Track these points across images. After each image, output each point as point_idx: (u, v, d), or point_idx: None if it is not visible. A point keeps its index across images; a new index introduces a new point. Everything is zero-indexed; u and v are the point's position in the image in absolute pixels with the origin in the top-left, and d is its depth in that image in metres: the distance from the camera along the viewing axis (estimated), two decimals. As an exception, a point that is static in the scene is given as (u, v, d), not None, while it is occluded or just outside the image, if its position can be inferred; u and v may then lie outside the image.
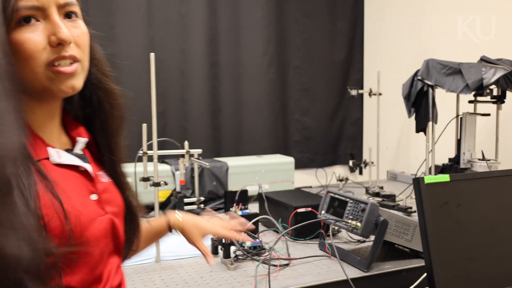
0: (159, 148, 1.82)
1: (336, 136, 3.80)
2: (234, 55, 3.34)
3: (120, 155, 0.96)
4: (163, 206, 2.30)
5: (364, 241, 1.88)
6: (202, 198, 2.34)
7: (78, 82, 0.82)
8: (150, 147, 1.83)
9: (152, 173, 1.78)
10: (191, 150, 2.17)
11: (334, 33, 3.71)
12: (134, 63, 2.98)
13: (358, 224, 1.58)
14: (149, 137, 1.82)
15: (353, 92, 3.04)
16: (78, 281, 0.80)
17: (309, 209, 1.94)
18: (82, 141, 0.89)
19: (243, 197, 2.23)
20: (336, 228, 1.84)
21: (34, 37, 0.75)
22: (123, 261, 0.98)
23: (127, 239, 0.96)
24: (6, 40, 0.72)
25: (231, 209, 2.09)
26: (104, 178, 0.91)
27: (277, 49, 3.48)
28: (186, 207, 2.27)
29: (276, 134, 3.54)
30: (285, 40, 3.52)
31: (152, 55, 1.70)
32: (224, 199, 2.35)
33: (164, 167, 2.50)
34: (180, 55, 3.17)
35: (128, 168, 2.27)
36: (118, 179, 0.95)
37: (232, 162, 2.70)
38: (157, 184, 1.75)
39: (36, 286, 0.67)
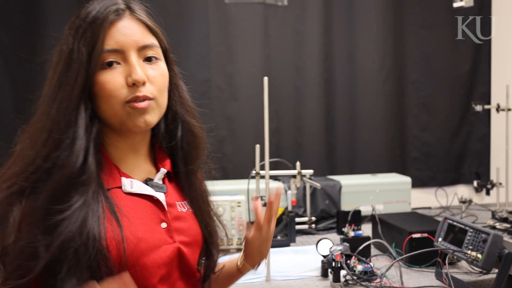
0: (272, 166, 1.85)
1: (459, 153, 3.56)
2: (349, 71, 3.29)
3: (200, 187, 0.99)
4: (275, 224, 2.33)
5: (487, 273, 1.74)
6: (313, 218, 2.33)
7: (151, 118, 0.88)
8: (262, 167, 1.87)
9: (264, 192, 1.82)
10: (302, 171, 2.18)
11: (456, 44, 3.49)
12: (251, 81, 3.07)
13: (479, 255, 1.47)
14: (262, 157, 1.86)
15: (478, 108, 2.85)
16: None
17: (425, 234, 1.85)
18: (161, 172, 0.95)
19: (356, 218, 2.18)
20: (455, 257, 1.73)
21: (114, 78, 0.85)
22: None
23: (203, 272, 0.97)
24: (91, 82, 0.84)
25: (343, 229, 2.06)
26: (184, 208, 0.96)
27: (394, 64, 3.37)
28: (298, 227, 2.28)
29: (392, 151, 3.42)
30: (402, 54, 3.40)
31: (265, 79, 1.74)
32: (337, 218, 2.32)
33: (277, 185, 2.53)
34: (295, 72, 3.21)
35: (241, 185, 2.33)
36: (197, 211, 0.98)
37: (345, 180, 2.66)
38: (268, 204, 1.77)
39: None
